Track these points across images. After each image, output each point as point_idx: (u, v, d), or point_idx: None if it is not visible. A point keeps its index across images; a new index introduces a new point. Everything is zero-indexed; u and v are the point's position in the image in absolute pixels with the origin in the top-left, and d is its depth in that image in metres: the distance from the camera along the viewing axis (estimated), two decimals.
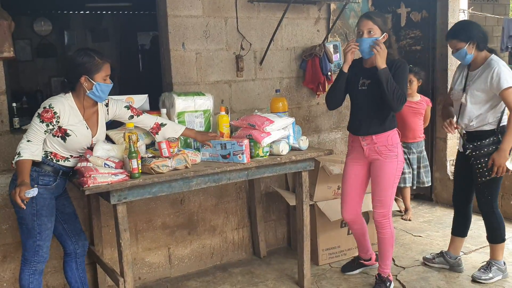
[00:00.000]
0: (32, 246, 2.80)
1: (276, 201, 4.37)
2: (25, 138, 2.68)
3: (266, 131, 3.23)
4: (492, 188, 3.50)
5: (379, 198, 3.37)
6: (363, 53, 3.23)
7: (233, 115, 3.88)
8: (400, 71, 3.20)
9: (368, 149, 3.34)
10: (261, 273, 3.94)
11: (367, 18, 3.19)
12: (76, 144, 2.82)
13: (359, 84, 3.31)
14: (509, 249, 4.22)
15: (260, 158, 3.22)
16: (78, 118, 2.79)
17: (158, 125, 3.11)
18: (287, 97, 4.20)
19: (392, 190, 3.37)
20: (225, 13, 3.94)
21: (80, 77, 2.74)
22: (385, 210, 3.38)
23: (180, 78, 3.79)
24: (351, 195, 3.52)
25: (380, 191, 3.36)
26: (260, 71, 4.19)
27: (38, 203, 2.76)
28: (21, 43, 7.98)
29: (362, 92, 3.30)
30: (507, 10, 9.95)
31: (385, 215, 3.38)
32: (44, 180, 2.77)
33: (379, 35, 3.17)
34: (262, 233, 4.24)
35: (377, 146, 3.30)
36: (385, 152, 3.30)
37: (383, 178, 3.34)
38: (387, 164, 3.31)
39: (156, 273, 3.90)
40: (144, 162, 2.85)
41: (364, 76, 3.30)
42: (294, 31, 4.31)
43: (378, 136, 3.29)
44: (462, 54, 3.40)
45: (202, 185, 3.05)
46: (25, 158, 2.64)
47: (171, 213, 3.90)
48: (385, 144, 3.29)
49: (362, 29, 3.19)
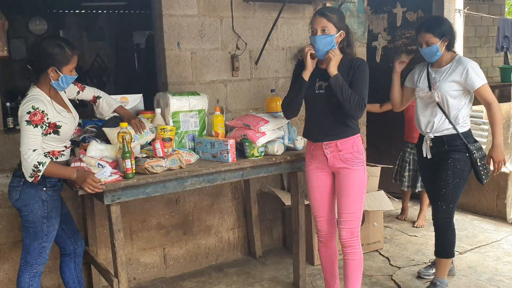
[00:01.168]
0: (37, 248, 2.77)
1: (271, 201, 4.36)
2: (28, 150, 2.57)
3: (261, 131, 3.22)
4: (456, 196, 3.33)
5: (347, 213, 2.96)
6: (318, 53, 2.89)
7: (228, 115, 3.87)
8: (358, 72, 2.88)
9: (332, 157, 2.96)
10: (257, 273, 3.94)
11: (321, 15, 2.87)
12: (69, 131, 2.81)
13: (316, 87, 2.95)
14: (504, 248, 4.23)
15: (255, 158, 3.21)
16: (58, 108, 2.75)
17: (94, 97, 3.17)
18: (283, 97, 4.17)
19: (361, 203, 3.00)
20: (220, 12, 3.93)
21: (48, 68, 2.67)
22: (354, 227, 2.97)
23: (175, 78, 3.78)
24: (320, 212, 3.11)
25: (348, 204, 2.96)
26: (256, 71, 4.18)
27: (49, 205, 2.74)
28: (16, 42, 7.95)
29: (320, 96, 2.94)
30: (502, 10, 9.96)
31: (353, 233, 2.98)
32: (51, 181, 2.74)
33: (335, 32, 2.86)
34: (257, 233, 4.23)
35: (342, 154, 2.94)
36: (352, 159, 2.94)
37: (351, 189, 2.95)
38: (355, 173, 2.94)
39: (151, 274, 3.89)
40: (138, 162, 2.84)
41: (321, 78, 2.94)
42: (289, 30, 4.30)
43: (343, 142, 2.93)
44: (433, 50, 3.26)
45: (196, 185, 3.04)
46: (48, 162, 2.59)
47: (166, 213, 3.89)
48: (351, 151, 2.93)
49: (315, 27, 2.86)
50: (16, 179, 2.74)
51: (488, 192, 5.06)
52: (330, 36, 2.84)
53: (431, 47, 3.26)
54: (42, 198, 2.72)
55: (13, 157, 3.17)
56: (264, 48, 4.11)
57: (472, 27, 8.97)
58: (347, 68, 2.89)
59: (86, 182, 2.59)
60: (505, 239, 4.43)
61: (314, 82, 2.96)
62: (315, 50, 2.89)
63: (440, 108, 3.32)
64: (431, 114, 3.37)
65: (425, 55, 3.35)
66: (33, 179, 2.59)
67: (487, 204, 5.07)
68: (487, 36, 9.38)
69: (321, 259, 3.24)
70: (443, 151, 3.34)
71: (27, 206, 2.71)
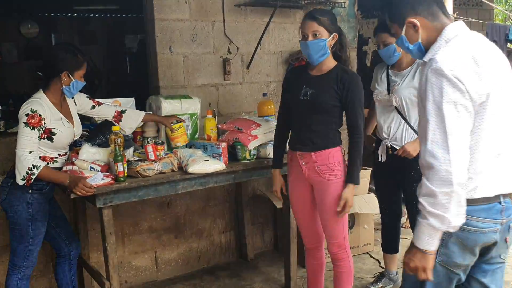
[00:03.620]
0: (23, 251, 2.78)
1: (263, 204, 4.38)
2: (24, 152, 2.59)
3: (253, 135, 3.24)
4: None
5: (329, 228, 2.87)
6: (310, 59, 2.77)
7: (220, 119, 3.89)
8: (352, 94, 2.71)
9: (307, 168, 2.84)
10: (248, 276, 3.95)
11: (311, 19, 2.70)
12: (64, 140, 2.81)
13: (301, 93, 2.81)
14: None
15: (247, 161, 3.23)
16: (58, 115, 2.77)
17: (118, 112, 3.14)
18: (274, 100, 4.20)
19: (344, 216, 2.85)
20: (212, 17, 3.95)
21: (61, 72, 2.70)
22: (339, 240, 2.88)
23: (167, 81, 3.79)
24: (305, 222, 3.03)
25: (328, 220, 2.85)
26: (247, 75, 4.21)
27: (34, 208, 2.75)
28: (7, 46, 7.93)
29: (303, 102, 2.80)
30: (491, 15, 10.06)
31: (341, 245, 2.89)
32: (38, 185, 2.74)
33: (327, 36, 2.70)
34: (249, 236, 4.25)
35: (317, 165, 2.79)
36: (326, 172, 2.78)
37: (328, 204, 2.80)
38: (331, 186, 2.78)
39: (143, 277, 3.89)
40: (130, 165, 2.85)
41: (308, 84, 2.81)
42: (281, 35, 4.33)
43: (318, 153, 2.79)
44: (390, 50, 3.10)
45: (188, 188, 3.05)
46: (43, 166, 2.62)
47: (157, 217, 3.89)
48: (326, 162, 2.77)
49: (306, 32, 2.71)
50: (6, 180, 2.77)
51: None
52: (322, 41, 2.69)
53: (388, 48, 3.11)
54: (27, 200, 2.73)
55: (5, 160, 3.17)
56: (256, 52, 4.14)
57: None
58: (336, 80, 2.74)
59: (77, 186, 2.60)
60: None
61: (301, 88, 2.83)
62: (307, 56, 2.78)
63: (399, 113, 3.18)
64: (390, 119, 3.23)
65: (383, 57, 3.21)
66: (25, 182, 2.60)
67: None
68: None
69: (306, 269, 3.19)
70: (406, 162, 3.14)
71: (12, 207, 2.73)
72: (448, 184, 1.70)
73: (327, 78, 2.78)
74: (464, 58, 1.78)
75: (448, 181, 1.70)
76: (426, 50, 1.93)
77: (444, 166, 1.70)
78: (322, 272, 3.13)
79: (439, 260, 1.87)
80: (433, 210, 1.73)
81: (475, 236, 1.83)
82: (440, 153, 1.72)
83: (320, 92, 2.76)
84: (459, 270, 1.91)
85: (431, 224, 1.74)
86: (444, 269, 1.89)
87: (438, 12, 1.92)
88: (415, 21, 1.91)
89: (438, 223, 1.73)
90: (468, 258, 1.88)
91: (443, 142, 1.72)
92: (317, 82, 2.79)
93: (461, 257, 1.87)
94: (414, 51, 1.97)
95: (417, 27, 1.91)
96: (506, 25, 7.37)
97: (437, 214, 1.72)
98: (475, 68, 1.77)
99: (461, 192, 1.71)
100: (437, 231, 1.75)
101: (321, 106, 2.76)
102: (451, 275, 1.91)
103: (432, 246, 1.78)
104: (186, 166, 2.95)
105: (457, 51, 1.81)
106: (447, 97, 1.72)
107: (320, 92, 2.76)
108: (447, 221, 1.72)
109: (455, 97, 1.72)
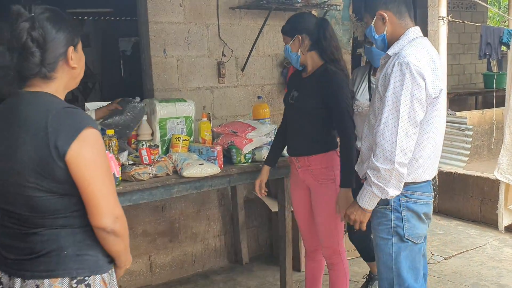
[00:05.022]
0: None
1: (258, 208, 4.36)
2: None
3: (248, 138, 3.23)
4: None
5: (323, 231, 2.86)
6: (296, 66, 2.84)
7: (215, 122, 3.87)
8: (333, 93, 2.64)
9: (301, 172, 2.84)
10: (243, 280, 3.93)
11: (281, 32, 2.83)
12: None
13: (290, 97, 2.84)
14: (488, 253, 4.28)
15: (242, 164, 3.22)
16: None
17: None
18: (269, 103, 4.21)
19: (336, 220, 2.78)
20: (206, 19, 3.94)
21: None
22: (333, 245, 2.86)
23: (161, 85, 3.78)
24: (305, 224, 3.03)
25: (322, 224, 2.84)
26: (242, 78, 4.19)
27: None
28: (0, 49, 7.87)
29: (291, 106, 2.83)
30: (485, 18, 10.13)
31: (335, 251, 2.87)
32: None
33: (289, 41, 2.76)
34: (244, 240, 4.23)
35: (311, 169, 2.79)
36: (320, 175, 2.77)
37: (321, 207, 2.81)
38: (323, 189, 2.77)
39: (137, 281, 3.86)
40: (124, 169, 2.82)
41: (296, 88, 2.82)
42: (275, 38, 4.32)
43: (312, 158, 2.77)
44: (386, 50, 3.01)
45: (183, 192, 3.03)
46: None
47: (152, 221, 3.87)
48: (319, 166, 2.76)
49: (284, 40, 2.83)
50: None
51: (472, 198, 5.11)
52: (287, 48, 2.77)
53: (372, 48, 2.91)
54: None
55: None
56: (250, 55, 4.13)
57: (456, 34, 9.11)
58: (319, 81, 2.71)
59: None
60: (489, 244, 4.48)
61: (291, 91, 2.86)
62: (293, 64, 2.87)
63: None
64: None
65: (372, 55, 2.98)
66: None
67: (471, 209, 5.12)
68: (470, 43, 9.52)
69: (305, 272, 3.18)
70: None
71: None
72: (390, 162, 2.03)
73: (311, 80, 2.77)
74: (426, 57, 2.07)
75: (391, 160, 2.03)
76: (389, 43, 2.21)
77: (389, 147, 2.03)
78: (321, 275, 3.13)
79: (407, 235, 2.20)
80: (376, 181, 2.08)
81: (424, 207, 2.22)
82: (389, 135, 2.03)
83: (303, 95, 2.76)
84: (421, 240, 2.27)
85: (373, 192, 2.11)
86: (412, 243, 2.21)
87: (405, 12, 2.19)
88: (385, 14, 2.16)
89: (378, 192, 2.10)
90: (424, 227, 2.25)
91: (393, 126, 2.03)
92: (304, 84, 2.79)
93: (419, 227, 2.22)
94: (378, 41, 2.23)
95: (385, 20, 2.17)
96: (500, 28, 7.40)
97: (379, 186, 2.09)
98: (433, 67, 2.08)
99: (401, 170, 2.04)
100: (377, 197, 2.13)
101: (304, 109, 2.75)
102: (418, 245, 2.24)
103: (370, 207, 2.18)
104: (181, 169, 2.93)
105: (420, 50, 2.08)
106: (406, 89, 2.01)
107: (303, 95, 2.75)
108: (385, 192, 2.08)
109: (413, 91, 2.02)
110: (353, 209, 2.25)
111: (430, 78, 2.04)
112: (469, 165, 5.45)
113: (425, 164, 2.17)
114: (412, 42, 2.11)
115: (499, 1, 14.71)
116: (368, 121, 2.26)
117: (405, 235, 2.19)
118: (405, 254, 2.20)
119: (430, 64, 2.07)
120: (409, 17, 2.19)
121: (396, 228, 2.20)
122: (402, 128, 2.01)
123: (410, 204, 2.18)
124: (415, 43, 2.11)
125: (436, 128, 2.16)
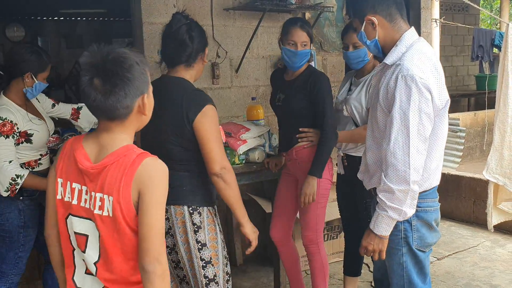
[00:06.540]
0: (13, 258, 2.72)
1: (252, 209, 4.35)
2: (4, 162, 2.53)
3: (242, 139, 3.22)
4: None
5: (303, 220, 3.03)
6: (292, 65, 2.89)
7: None
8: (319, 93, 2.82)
9: (291, 165, 3.05)
10: (237, 281, 3.92)
11: (303, 29, 2.84)
12: (43, 138, 2.76)
13: (276, 99, 3.04)
14: (481, 254, 4.30)
15: (236, 165, 3.22)
16: (28, 116, 2.70)
17: (75, 110, 3.10)
18: (263, 104, 4.20)
19: (317, 211, 2.95)
20: (200, 21, 3.90)
21: (25, 73, 2.64)
22: (311, 234, 3.01)
23: None
24: (278, 212, 3.17)
25: (304, 212, 3.00)
26: (236, 79, 4.20)
27: (26, 215, 2.70)
28: None
29: (278, 108, 3.05)
30: (477, 20, 10.20)
31: (312, 240, 3.01)
32: (28, 191, 2.68)
33: (310, 47, 2.90)
34: (238, 241, 4.23)
35: (298, 162, 2.98)
36: (306, 168, 2.89)
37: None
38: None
39: None
40: None
41: (281, 90, 3.00)
42: (269, 39, 4.33)
43: (299, 150, 2.97)
44: (360, 53, 2.87)
45: None
46: (27, 175, 2.58)
47: None
48: (306, 160, 2.92)
49: (295, 40, 2.84)
50: None
51: (464, 199, 5.14)
52: (308, 51, 2.88)
53: (359, 51, 2.87)
54: (18, 208, 2.68)
55: None
56: (245, 56, 4.14)
57: (449, 36, 9.16)
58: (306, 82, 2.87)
59: None
60: (482, 245, 4.50)
61: (276, 93, 3.06)
62: (291, 62, 2.88)
63: (354, 123, 2.99)
64: (344, 128, 3.02)
65: (350, 59, 2.94)
66: (9, 193, 2.55)
67: (464, 210, 5.15)
68: (463, 45, 9.58)
69: (284, 265, 3.29)
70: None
71: (3, 215, 2.66)
72: (405, 182, 1.95)
73: (298, 82, 2.93)
74: (429, 66, 1.98)
75: (405, 180, 1.94)
76: (383, 48, 2.10)
77: (403, 167, 1.94)
78: (298, 266, 3.24)
79: (415, 246, 2.13)
80: (392, 204, 1.98)
81: (434, 214, 2.16)
82: (401, 154, 1.94)
83: (290, 98, 2.92)
84: (430, 249, 2.21)
85: (389, 216, 2.00)
86: (421, 252, 2.15)
87: (396, 14, 2.07)
88: (374, 18, 2.05)
89: (396, 215, 2.00)
90: (435, 236, 2.19)
91: (404, 144, 1.94)
92: (289, 87, 2.96)
93: (430, 236, 2.16)
94: (371, 47, 2.13)
95: (374, 24, 2.05)
96: (492, 30, 7.47)
97: (395, 208, 1.98)
98: (437, 75, 2.00)
99: (415, 188, 1.97)
100: (394, 220, 2.02)
101: (292, 111, 2.93)
102: (427, 255, 2.19)
103: (388, 232, 2.06)
104: None
105: (421, 59, 1.98)
106: (413, 105, 1.92)
107: (290, 97, 2.92)
108: (403, 213, 1.99)
109: (421, 105, 1.93)
110: (369, 239, 2.09)
111: (436, 90, 1.96)
112: (461, 166, 5.48)
113: (434, 173, 2.12)
114: (412, 49, 2.01)
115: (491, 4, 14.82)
116: (372, 132, 2.17)
117: (414, 244, 2.12)
118: (415, 261, 2.16)
119: (434, 73, 1.98)
120: (402, 19, 2.07)
121: (407, 239, 2.12)
122: (413, 145, 1.92)
123: (420, 213, 2.10)
124: (415, 51, 2.00)
125: (443, 138, 2.11)
